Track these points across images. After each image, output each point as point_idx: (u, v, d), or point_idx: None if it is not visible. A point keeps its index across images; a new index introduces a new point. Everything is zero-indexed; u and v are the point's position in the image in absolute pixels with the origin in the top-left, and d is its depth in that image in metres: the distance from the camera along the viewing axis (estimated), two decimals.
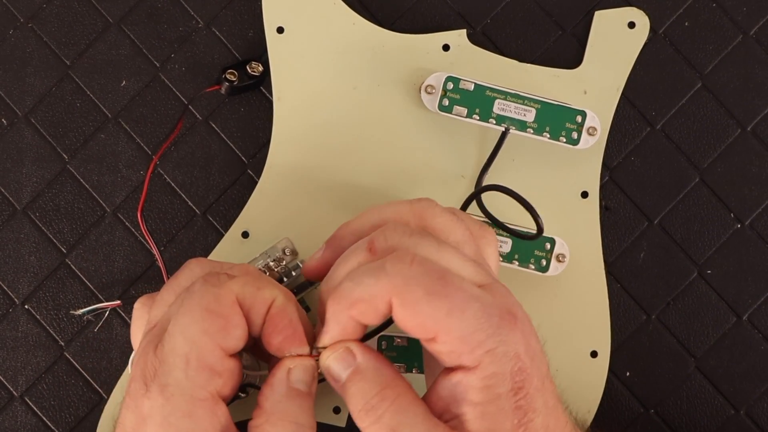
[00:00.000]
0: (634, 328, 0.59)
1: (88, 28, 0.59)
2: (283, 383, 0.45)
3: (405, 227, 0.45)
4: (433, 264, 0.43)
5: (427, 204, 0.47)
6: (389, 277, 0.43)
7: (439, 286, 0.42)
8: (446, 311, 0.42)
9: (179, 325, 0.44)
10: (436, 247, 0.44)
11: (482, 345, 0.42)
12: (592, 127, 0.57)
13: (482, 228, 0.49)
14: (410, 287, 0.42)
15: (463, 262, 0.44)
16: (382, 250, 0.45)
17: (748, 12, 0.61)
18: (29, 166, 0.59)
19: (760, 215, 0.60)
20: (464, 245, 0.46)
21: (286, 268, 0.54)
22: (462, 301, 0.42)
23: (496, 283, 0.45)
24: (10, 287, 0.58)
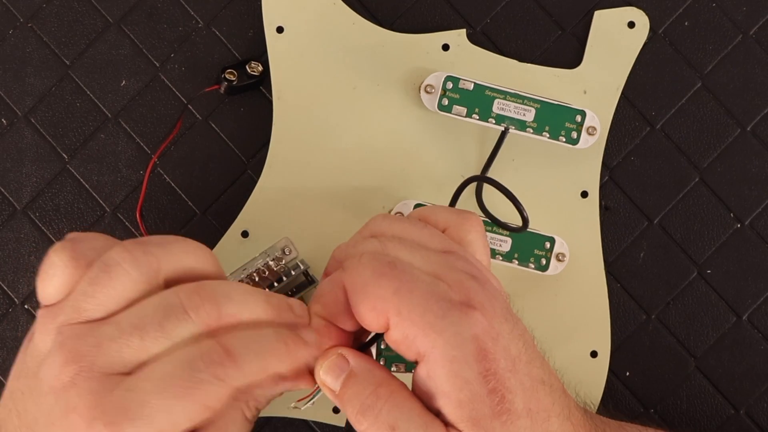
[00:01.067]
0: (634, 328, 0.59)
1: (88, 28, 0.60)
2: None
3: (350, 242, 0.47)
4: (384, 254, 0.44)
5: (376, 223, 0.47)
6: (343, 271, 0.44)
7: (387, 268, 0.43)
8: (393, 290, 0.42)
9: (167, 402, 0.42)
10: (380, 245, 0.45)
11: (433, 326, 0.42)
12: (592, 127, 0.57)
13: (462, 216, 0.48)
14: (359, 271, 0.43)
15: (415, 253, 0.45)
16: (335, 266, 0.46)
17: (748, 12, 0.61)
18: (29, 166, 0.59)
19: (760, 215, 0.60)
20: (428, 241, 0.46)
21: (286, 268, 0.54)
22: (410, 282, 0.43)
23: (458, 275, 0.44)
24: (10, 287, 0.58)
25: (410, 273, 0.43)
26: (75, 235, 0.46)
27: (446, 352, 0.42)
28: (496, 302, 0.44)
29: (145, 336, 0.43)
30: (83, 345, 0.43)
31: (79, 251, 0.45)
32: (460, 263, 0.44)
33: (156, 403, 0.42)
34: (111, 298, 0.43)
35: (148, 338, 0.43)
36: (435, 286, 0.43)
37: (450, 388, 0.42)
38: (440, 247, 0.45)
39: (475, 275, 0.44)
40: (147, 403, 0.41)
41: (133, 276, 0.44)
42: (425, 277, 0.43)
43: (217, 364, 0.42)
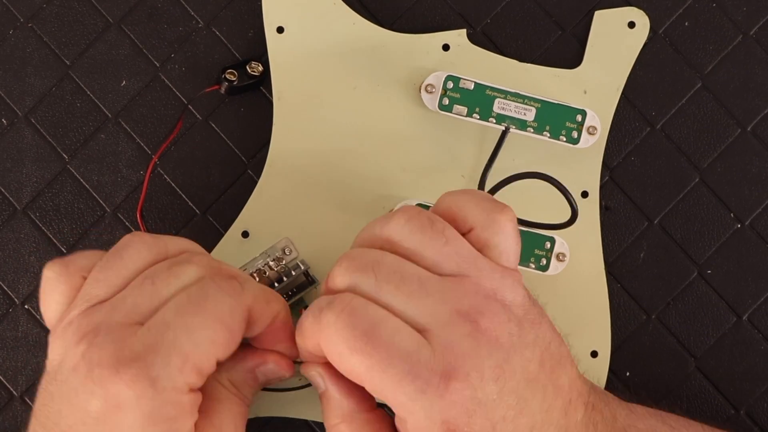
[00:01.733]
0: (634, 328, 0.59)
1: (88, 28, 0.59)
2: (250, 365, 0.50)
3: (349, 264, 0.45)
4: (362, 315, 0.43)
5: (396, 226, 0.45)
6: (320, 325, 0.44)
7: (361, 342, 0.42)
8: (365, 368, 0.42)
9: (185, 324, 0.43)
10: (374, 287, 0.44)
11: (404, 407, 0.42)
12: (592, 127, 0.57)
13: (491, 217, 0.45)
14: (333, 340, 0.43)
15: (410, 301, 0.43)
16: (330, 288, 0.46)
17: (748, 12, 0.61)
18: (29, 166, 0.59)
19: (760, 215, 0.60)
20: (440, 263, 0.44)
21: (286, 268, 0.54)
22: (384, 360, 0.42)
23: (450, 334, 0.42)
24: (10, 287, 0.58)
25: (387, 346, 0.42)
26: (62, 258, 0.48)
27: (415, 427, 0.43)
28: (488, 361, 0.42)
29: (156, 280, 0.45)
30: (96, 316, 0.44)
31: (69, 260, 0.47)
32: (466, 300, 0.43)
33: (175, 327, 0.43)
34: (121, 275, 0.45)
35: (159, 281, 0.45)
36: (416, 357, 0.42)
37: None
38: (454, 269, 0.44)
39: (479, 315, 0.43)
40: (166, 331, 0.43)
41: (143, 254, 0.46)
42: (407, 343, 0.42)
43: (224, 281, 0.45)
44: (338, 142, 0.58)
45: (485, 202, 0.46)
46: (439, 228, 0.45)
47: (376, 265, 0.44)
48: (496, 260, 0.45)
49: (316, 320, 0.44)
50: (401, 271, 0.44)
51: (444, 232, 0.45)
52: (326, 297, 0.45)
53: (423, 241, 0.44)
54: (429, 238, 0.44)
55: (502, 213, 0.45)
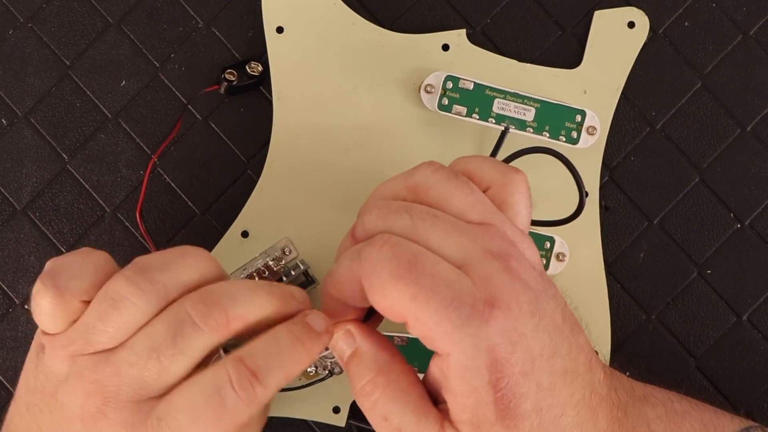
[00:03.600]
0: (634, 328, 0.59)
1: (88, 28, 0.60)
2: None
3: (382, 209, 0.45)
4: (404, 247, 0.43)
5: (422, 176, 0.46)
6: (360, 260, 0.43)
7: (405, 270, 0.42)
8: (410, 296, 0.42)
9: None
10: (410, 224, 0.44)
11: (449, 335, 0.42)
12: (592, 127, 0.57)
13: (507, 176, 0.46)
14: (376, 270, 0.42)
15: (446, 237, 0.43)
16: (361, 237, 0.45)
17: (747, 12, 0.61)
18: (29, 166, 0.59)
19: (760, 215, 0.60)
20: (468, 210, 0.45)
21: (286, 268, 0.54)
22: (428, 288, 0.42)
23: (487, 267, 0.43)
24: (10, 287, 0.58)
25: (431, 275, 0.42)
26: (52, 266, 0.45)
27: (460, 360, 0.42)
28: (523, 296, 0.43)
29: (161, 356, 0.43)
30: (101, 375, 0.43)
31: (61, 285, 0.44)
32: (495, 242, 0.43)
33: None
34: (121, 329, 0.44)
35: (164, 358, 0.43)
36: (458, 285, 0.42)
37: (458, 391, 0.43)
38: (479, 218, 0.44)
39: (509, 256, 0.43)
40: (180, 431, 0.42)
41: (142, 307, 0.43)
42: (449, 274, 0.42)
43: (245, 388, 0.43)
44: (338, 142, 0.58)
45: (500, 164, 0.47)
46: (463, 179, 0.45)
47: (410, 208, 0.44)
48: (512, 221, 0.46)
49: (354, 260, 0.43)
50: (434, 213, 0.44)
51: (468, 183, 0.45)
52: (359, 244, 0.44)
53: (449, 190, 0.45)
54: (455, 186, 0.45)
55: (517, 173, 0.46)
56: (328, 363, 0.55)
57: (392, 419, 0.44)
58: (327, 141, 0.58)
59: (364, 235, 0.45)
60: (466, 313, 0.42)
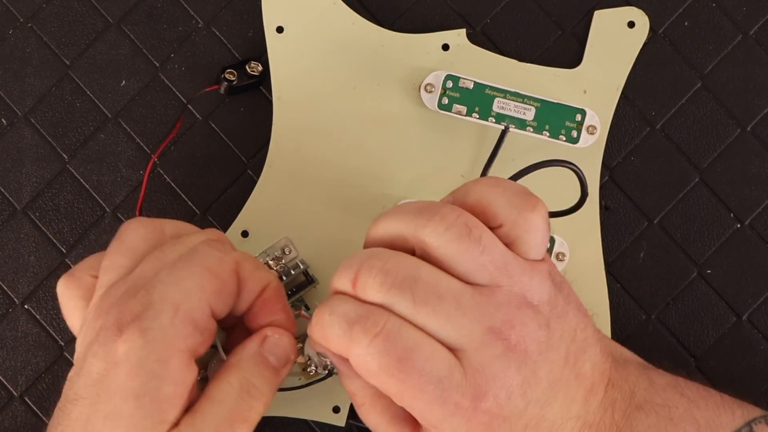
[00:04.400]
0: (634, 328, 0.59)
1: (88, 28, 0.60)
2: (255, 346, 0.47)
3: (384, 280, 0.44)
4: (396, 340, 0.42)
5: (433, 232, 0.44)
6: (351, 342, 0.43)
7: (394, 368, 0.42)
8: (395, 391, 0.43)
9: (175, 276, 0.44)
10: (411, 309, 0.43)
11: (431, 424, 0.44)
12: (592, 126, 0.57)
13: (522, 215, 0.45)
14: (366, 360, 0.43)
15: (447, 323, 0.43)
16: (360, 295, 0.44)
17: (748, 12, 0.61)
18: (29, 166, 0.59)
19: (760, 215, 0.60)
20: (475, 273, 0.44)
21: (286, 267, 0.54)
22: (415, 387, 0.42)
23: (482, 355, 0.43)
24: (10, 287, 0.58)
25: (419, 373, 0.42)
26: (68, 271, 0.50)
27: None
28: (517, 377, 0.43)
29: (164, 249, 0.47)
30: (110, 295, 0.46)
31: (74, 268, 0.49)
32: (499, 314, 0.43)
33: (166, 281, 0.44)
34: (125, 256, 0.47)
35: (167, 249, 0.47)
36: (448, 382, 0.42)
37: None
38: (487, 280, 0.44)
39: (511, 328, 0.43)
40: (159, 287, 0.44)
41: (141, 233, 0.47)
42: (440, 369, 0.42)
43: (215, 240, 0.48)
44: (338, 142, 0.58)
45: (516, 198, 0.45)
46: (476, 236, 0.44)
47: (414, 284, 0.43)
48: (525, 255, 0.45)
49: (345, 334, 0.43)
50: (438, 291, 0.43)
51: (481, 239, 0.44)
52: (356, 307, 0.44)
53: (460, 251, 0.44)
54: (466, 247, 0.44)
55: (533, 211, 0.45)
56: (328, 363, 0.55)
57: (369, 423, 0.48)
58: (327, 141, 0.58)
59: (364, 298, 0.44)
60: (449, 411, 0.42)
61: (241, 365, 0.46)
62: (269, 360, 0.47)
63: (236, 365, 0.46)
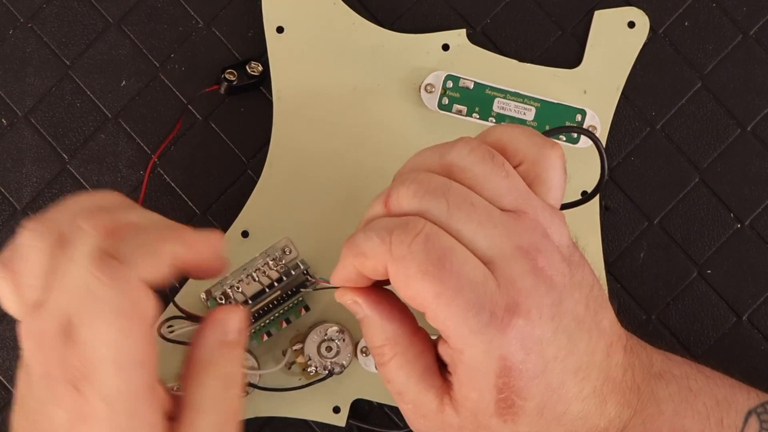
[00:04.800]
0: (634, 328, 0.59)
1: (88, 28, 0.60)
2: (216, 335, 0.46)
3: (418, 188, 0.44)
4: (435, 241, 0.42)
5: (458, 155, 0.44)
6: (391, 246, 0.42)
7: (434, 267, 0.42)
8: (434, 294, 0.42)
9: (96, 334, 0.42)
10: (446, 212, 0.43)
11: (464, 338, 0.42)
12: (592, 126, 0.57)
13: (542, 152, 0.45)
14: (405, 261, 0.42)
15: (479, 230, 0.43)
16: (395, 210, 0.44)
17: (748, 12, 0.61)
18: (29, 166, 0.59)
19: (760, 215, 0.60)
20: (502, 197, 0.44)
21: (286, 268, 0.54)
22: (453, 288, 0.42)
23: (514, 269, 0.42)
24: None
25: (457, 275, 0.42)
26: None
27: (470, 360, 0.43)
28: (546, 299, 0.43)
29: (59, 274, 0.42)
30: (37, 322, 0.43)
31: None
32: (525, 236, 0.43)
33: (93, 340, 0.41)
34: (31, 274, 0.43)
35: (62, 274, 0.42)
36: (482, 288, 0.42)
37: (462, 382, 0.43)
38: (513, 204, 0.44)
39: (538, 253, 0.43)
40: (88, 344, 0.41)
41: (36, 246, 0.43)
42: (476, 273, 0.42)
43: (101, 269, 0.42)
44: (338, 142, 0.58)
45: (536, 137, 0.46)
46: (500, 161, 0.44)
47: (447, 191, 0.43)
48: (544, 197, 0.45)
49: (384, 241, 0.43)
50: (471, 199, 0.43)
51: (504, 165, 0.44)
52: (392, 219, 0.44)
53: (485, 173, 0.44)
54: (491, 169, 0.44)
55: (553, 148, 0.45)
56: (328, 363, 0.55)
57: (395, 384, 0.46)
58: (327, 141, 0.58)
59: (399, 210, 0.44)
60: (484, 320, 0.42)
61: (212, 361, 0.45)
62: (230, 339, 0.46)
63: (207, 363, 0.45)
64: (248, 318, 0.48)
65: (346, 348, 0.55)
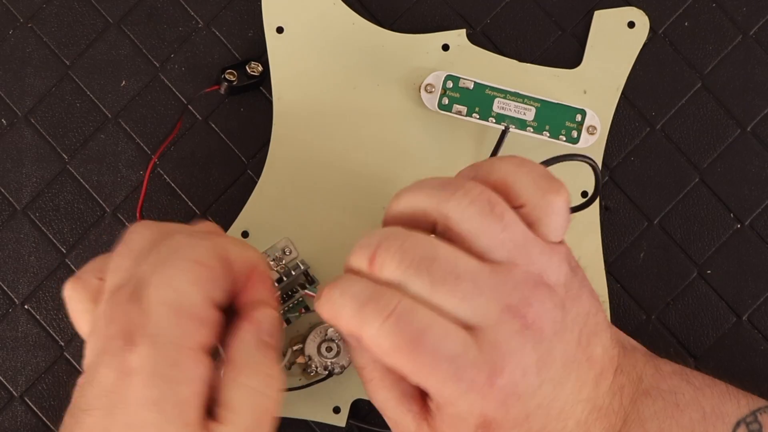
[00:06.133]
0: (634, 328, 0.59)
1: (88, 28, 0.60)
2: (254, 336, 0.46)
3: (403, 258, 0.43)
4: (410, 321, 0.42)
5: (457, 206, 0.44)
6: (364, 321, 0.43)
7: (407, 346, 0.42)
8: (409, 370, 0.43)
9: (166, 276, 0.44)
10: (428, 290, 0.43)
11: (446, 401, 0.43)
12: (592, 126, 0.57)
13: (545, 198, 0.45)
14: (378, 339, 0.43)
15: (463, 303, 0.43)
16: (376, 274, 0.44)
17: (748, 12, 0.61)
18: (29, 166, 0.59)
19: (760, 215, 0.60)
20: (494, 250, 0.44)
21: (286, 268, 0.54)
22: (429, 365, 0.42)
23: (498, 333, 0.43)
24: (10, 287, 0.58)
25: (433, 351, 0.42)
26: None
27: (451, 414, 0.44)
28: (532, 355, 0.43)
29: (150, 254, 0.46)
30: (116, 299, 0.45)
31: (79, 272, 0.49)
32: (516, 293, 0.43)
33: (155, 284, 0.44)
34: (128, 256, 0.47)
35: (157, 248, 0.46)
36: (462, 359, 0.42)
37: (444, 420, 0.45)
38: (505, 257, 0.44)
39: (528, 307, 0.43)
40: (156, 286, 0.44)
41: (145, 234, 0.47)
42: (454, 346, 0.42)
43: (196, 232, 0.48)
44: (338, 142, 0.58)
45: (541, 180, 0.45)
46: (499, 213, 0.44)
47: (431, 264, 0.43)
48: (544, 237, 0.45)
49: (356, 314, 0.43)
50: (456, 271, 0.43)
51: (503, 217, 0.44)
52: (369, 286, 0.44)
53: (482, 227, 0.44)
54: (489, 223, 0.44)
55: (557, 194, 0.45)
56: (328, 363, 0.55)
57: (376, 402, 0.47)
58: (327, 141, 0.58)
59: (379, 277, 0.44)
60: (464, 387, 0.42)
61: (250, 361, 0.46)
62: (268, 341, 0.47)
63: (245, 363, 0.46)
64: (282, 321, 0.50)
65: (346, 348, 0.55)
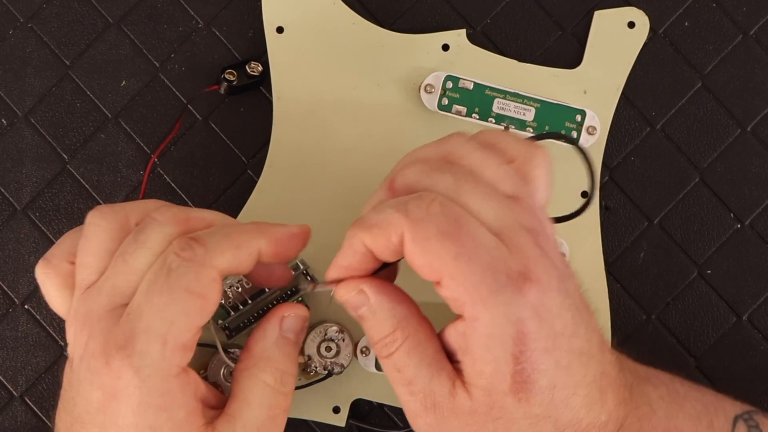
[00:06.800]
0: (634, 328, 0.59)
1: (88, 28, 0.60)
2: (276, 331, 0.47)
3: (424, 165, 0.45)
4: (451, 206, 0.43)
5: (455, 144, 0.46)
6: (408, 212, 0.43)
7: (453, 228, 0.42)
8: (454, 254, 0.42)
9: (156, 304, 0.43)
10: (453, 185, 0.43)
11: (483, 301, 0.42)
12: (592, 126, 0.57)
13: (530, 151, 0.46)
14: (424, 224, 0.42)
15: (485, 202, 0.43)
16: (400, 188, 0.45)
17: (748, 12, 0.61)
18: (29, 166, 0.59)
19: (760, 215, 0.60)
20: (500, 181, 0.44)
21: None
22: (471, 249, 0.42)
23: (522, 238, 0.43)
24: (10, 287, 0.58)
25: (474, 236, 0.42)
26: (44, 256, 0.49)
27: (487, 327, 0.42)
28: (553, 271, 0.43)
29: (126, 257, 0.45)
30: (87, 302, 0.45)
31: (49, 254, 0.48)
32: (525, 217, 0.44)
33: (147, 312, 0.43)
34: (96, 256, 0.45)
35: (129, 257, 0.45)
36: (496, 252, 0.42)
37: (478, 356, 0.43)
38: (511, 190, 0.44)
39: (537, 232, 0.44)
40: (140, 317, 0.43)
41: (105, 227, 0.46)
42: (488, 239, 0.42)
43: (185, 249, 0.44)
44: (338, 142, 0.58)
45: (523, 139, 0.47)
46: (497, 150, 0.45)
47: (452, 167, 0.44)
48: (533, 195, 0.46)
49: (399, 210, 0.43)
50: (474, 173, 0.44)
51: (499, 154, 0.45)
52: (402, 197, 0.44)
53: (482, 159, 0.45)
54: (488, 156, 0.45)
55: (540, 148, 0.46)
56: (328, 363, 0.55)
57: (406, 372, 0.45)
58: (327, 141, 0.58)
59: (405, 189, 0.45)
60: (502, 281, 0.42)
61: (270, 356, 0.46)
62: (290, 338, 0.47)
63: (264, 358, 0.46)
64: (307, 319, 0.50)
65: (346, 348, 0.55)
